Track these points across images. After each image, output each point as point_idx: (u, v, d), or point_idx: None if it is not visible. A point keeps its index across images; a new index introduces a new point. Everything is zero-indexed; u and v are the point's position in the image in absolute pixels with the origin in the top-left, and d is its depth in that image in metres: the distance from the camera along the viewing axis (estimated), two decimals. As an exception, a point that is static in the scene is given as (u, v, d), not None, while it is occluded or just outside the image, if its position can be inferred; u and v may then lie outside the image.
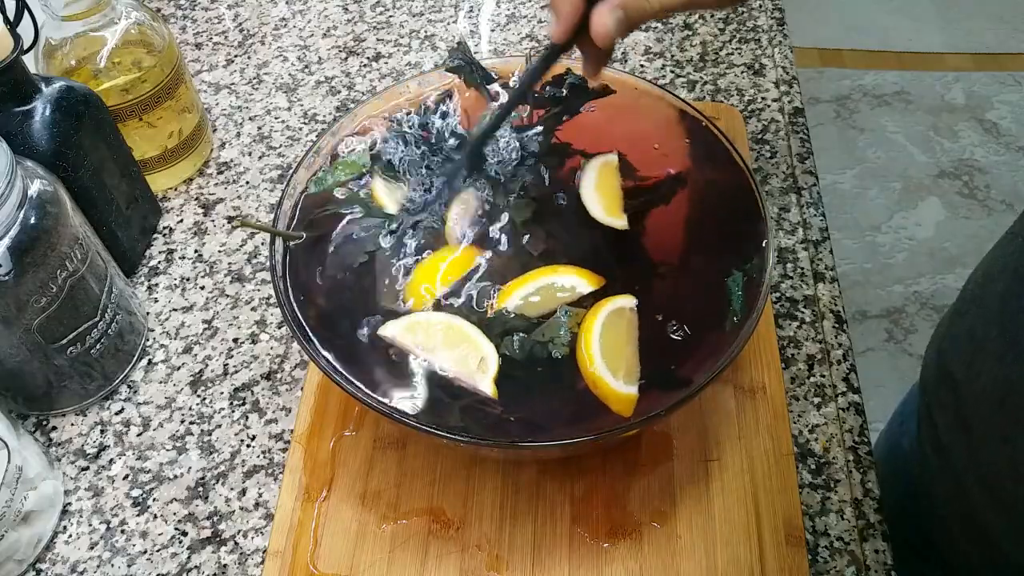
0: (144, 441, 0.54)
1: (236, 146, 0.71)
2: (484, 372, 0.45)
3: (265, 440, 0.54)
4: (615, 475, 0.50)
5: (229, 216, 0.66)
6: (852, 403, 0.54)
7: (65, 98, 0.54)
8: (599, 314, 0.46)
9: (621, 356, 0.45)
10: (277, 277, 0.49)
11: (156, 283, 0.62)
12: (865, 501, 0.50)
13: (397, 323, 0.47)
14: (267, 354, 0.58)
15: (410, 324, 0.47)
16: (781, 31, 0.78)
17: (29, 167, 0.49)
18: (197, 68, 0.77)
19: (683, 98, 0.56)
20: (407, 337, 0.46)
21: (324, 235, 0.51)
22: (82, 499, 0.52)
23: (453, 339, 0.46)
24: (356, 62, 0.77)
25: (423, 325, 0.47)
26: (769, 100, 0.72)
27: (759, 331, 0.56)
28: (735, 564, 0.47)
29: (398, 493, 0.50)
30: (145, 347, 0.58)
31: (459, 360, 0.45)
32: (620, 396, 0.44)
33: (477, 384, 0.44)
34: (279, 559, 0.48)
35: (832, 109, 1.99)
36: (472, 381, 0.44)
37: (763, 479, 0.50)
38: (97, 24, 0.59)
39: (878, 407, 1.46)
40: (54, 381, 0.52)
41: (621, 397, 0.44)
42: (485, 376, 0.45)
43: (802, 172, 0.67)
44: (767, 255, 0.48)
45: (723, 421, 0.52)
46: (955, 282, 1.66)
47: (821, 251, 0.62)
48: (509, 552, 0.48)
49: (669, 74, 0.75)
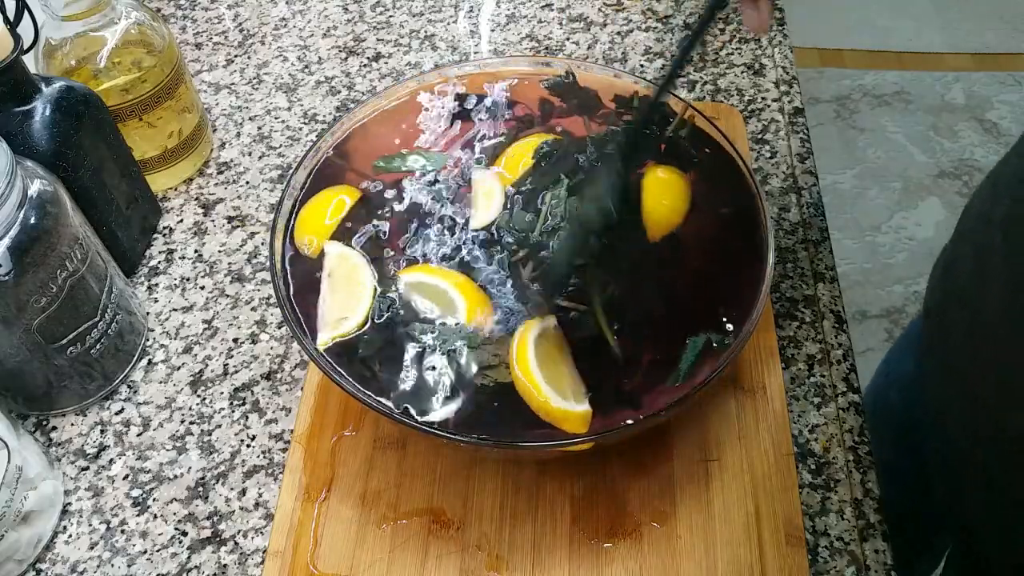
0: (144, 441, 0.54)
1: (236, 146, 0.71)
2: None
3: (265, 440, 0.54)
4: (615, 475, 0.50)
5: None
6: (852, 403, 0.54)
7: (65, 98, 0.54)
8: (528, 338, 0.46)
9: (562, 375, 0.45)
10: (277, 277, 0.49)
11: (156, 283, 0.62)
12: (865, 501, 0.50)
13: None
14: (267, 354, 0.58)
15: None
16: (781, 31, 0.78)
17: (29, 167, 0.49)
18: (197, 68, 0.77)
19: (683, 98, 0.56)
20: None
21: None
22: (82, 499, 0.52)
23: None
24: (356, 62, 0.77)
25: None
26: (769, 100, 0.72)
27: (759, 331, 0.56)
28: (735, 564, 0.47)
29: (398, 493, 0.50)
30: (145, 347, 0.58)
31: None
32: (573, 415, 0.44)
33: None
34: (279, 559, 0.48)
35: (832, 109, 1.99)
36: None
37: (763, 479, 0.50)
38: (97, 24, 0.59)
39: (878, 407, 1.46)
40: (54, 381, 0.52)
41: (572, 416, 0.44)
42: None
43: (802, 172, 0.67)
44: (767, 256, 0.48)
45: (723, 421, 0.52)
46: (955, 282, 1.66)
47: (821, 251, 0.62)
48: (509, 552, 0.48)
49: (669, 74, 0.74)
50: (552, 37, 0.78)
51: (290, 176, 0.53)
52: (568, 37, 0.78)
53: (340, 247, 0.51)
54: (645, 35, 0.78)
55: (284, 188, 0.52)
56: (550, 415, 0.44)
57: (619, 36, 0.78)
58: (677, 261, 0.51)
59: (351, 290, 0.49)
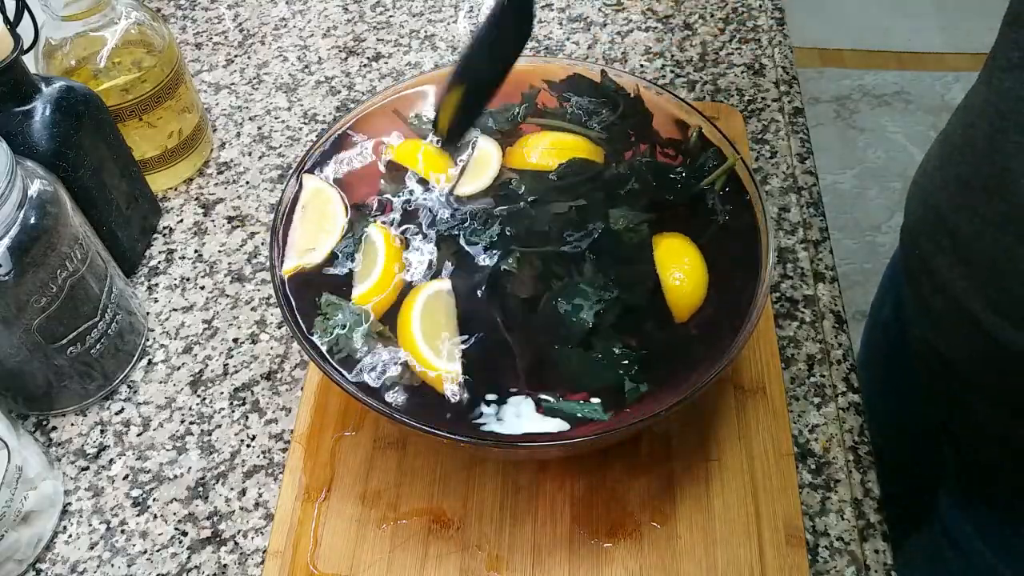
0: (144, 441, 0.54)
1: (236, 146, 0.71)
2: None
3: (265, 440, 0.54)
4: (615, 475, 0.50)
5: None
6: (852, 403, 0.54)
7: (65, 98, 0.54)
8: (416, 299, 0.47)
9: (439, 337, 0.46)
10: (277, 277, 0.49)
11: (156, 283, 0.62)
12: (865, 501, 0.50)
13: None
14: (267, 354, 0.58)
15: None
16: (781, 31, 0.78)
17: (29, 167, 0.49)
18: (197, 68, 0.77)
19: (683, 98, 0.56)
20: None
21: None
22: (82, 499, 0.52)
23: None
24: (356, 62, 0.77)
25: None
26: (769, 100, 0.72)
27: (759, 331, 0.56)
28: (735, 564, 0.47)
29: (398, 493, 0.50)
30: (145, 347, 0.58)
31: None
32: (445, 373, 0.45)
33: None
34: (279, 559, 0.48)
35: (832, 109, 1.99)
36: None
37: (763, 479, 0.50)
38: (97, 24, 0.59)
39: (878, 407, 1.46)
40: (54, 381, 0.52)
41: (445, 374, 0.45)
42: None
43: (802, 172, 0.67)
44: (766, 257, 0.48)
45: (723, 421, 0.52)
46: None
47: (821, 251, 0.62)
48: (509, 552, 0.48)
49: (669, 74, 0.75)
50: (552, 37, 0.78)
51: (290, 176, 0.53)
52: (568, 37, 0.78)
53: (317, 181, 0.53)
54: (645, 35, 0.78)
55: (284, 188, 0.52)
56: (426, 373, 0.45)
57: (619, 36, 0.78)
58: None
59: (321, 224, 0.51)
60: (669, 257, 0.49)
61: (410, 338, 0.46)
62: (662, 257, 0.49)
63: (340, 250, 0.50)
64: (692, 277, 0.48)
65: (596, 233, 0.49)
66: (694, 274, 0.48)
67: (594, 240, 0.49)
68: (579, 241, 0.49)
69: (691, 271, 0.48)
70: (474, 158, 0.54)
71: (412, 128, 0.56)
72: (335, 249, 0.50)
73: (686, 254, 0.49)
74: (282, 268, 0.49)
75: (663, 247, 0.49)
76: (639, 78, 0.57)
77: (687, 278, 0.48)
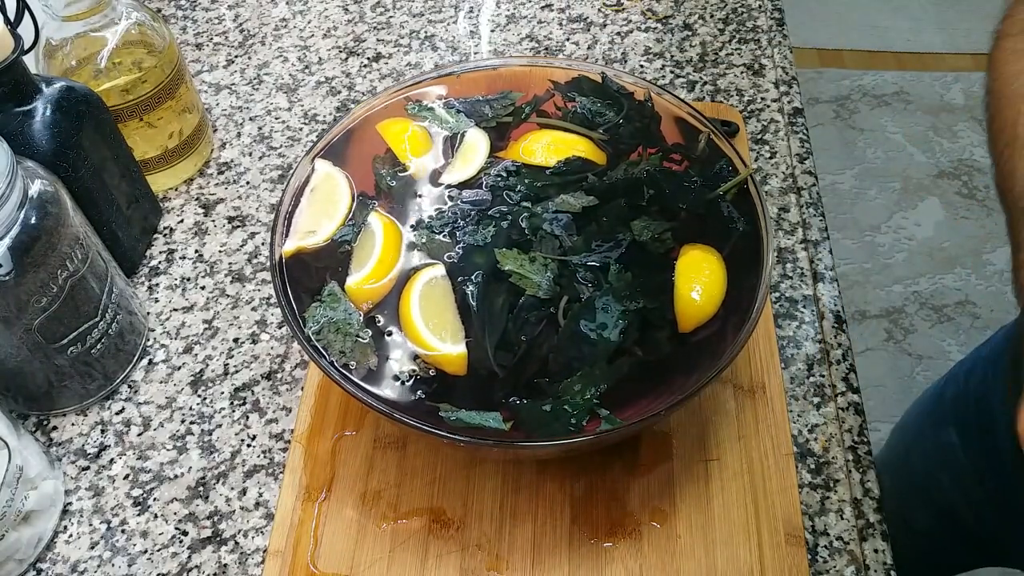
0: (144, 441, 0.54)
1: (236, 146, 0.71)
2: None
3: (265, 440, 0.54)
4: (615, 475, 0.50)
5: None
6: (852, 403, 0.54)
7: (66, 98, 0.54)
8: (414, 286, 0.48)
9: (444, 321, 0.47)
10: (277, 277, 0.49)
11: (157, 283, 0.62)
12: (865, 501, 0.50)
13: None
14: (267, 354, 0.58)
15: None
16: (781, 31, 0.78)
17: (30, 167, 0.49)
18: (197, 68, 0.77)
19: (683, 98, 0.56)
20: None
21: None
22: (83, 499, 0.52)
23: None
24: (356, 62, 0.77)
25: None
26: (769, 100, 0.72)
27: (759, 331, 0.56)
28: (735, 564, 0.47)
29: (398, 493, 0.50)
30: (145, 347, 0.58)
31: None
32: (451, 357, 0.46)
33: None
34: (279, 559, 0.48)
35: (831, 109, 1.99)
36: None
37: (763, 479, 0.50)
38: (97, 24, 0.59)
39: (878, 407, 1.47)
40: (54, 381, 0.52)
41: (452, 358, 0.46)
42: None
43: (802, 172, 0.67)
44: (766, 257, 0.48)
45: (723, 421, 0.52)
46: (954, 282, 1.66)
47: (820, 251, 0.62)
48: (509, 552, 0.48)
49: (669, 74, 0.75)
50: (552, 37, 0.78)
51: (290, 176, 0.53)
52: (568, 37, 0.78)
53: (329, 167, 0.53)
54: (645, 35, 0.78)
55: (284, 188, 0.52)
56: (430, 356, 0.46)
57: (619, 36, 0.78)
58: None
59: (326, 209, 0.52)
60: (690, 269, 0.49)
61: (412, 325, 0.47)
62: (684, 268, 0.49)
63: (338, 237, 0.51)
64: (709, 291, 0.48)
65: (624, 244, 0.49)
66: (712, 288, 0.48)
67: (623, 252, 0.49)
68: (608, 252, 0.49)
69: (709, 284, 0.48)
70: (461, 148, 0.54)
71: (409, 113, 0.57)
72: (334, 236, 0.51)
73: (708, 267, 0.49)
74: (284, 247, 0.50)
75: (687, 258, 0.49)
76: (650, 83, 0.57)
77: (704, 292, 0.48)
